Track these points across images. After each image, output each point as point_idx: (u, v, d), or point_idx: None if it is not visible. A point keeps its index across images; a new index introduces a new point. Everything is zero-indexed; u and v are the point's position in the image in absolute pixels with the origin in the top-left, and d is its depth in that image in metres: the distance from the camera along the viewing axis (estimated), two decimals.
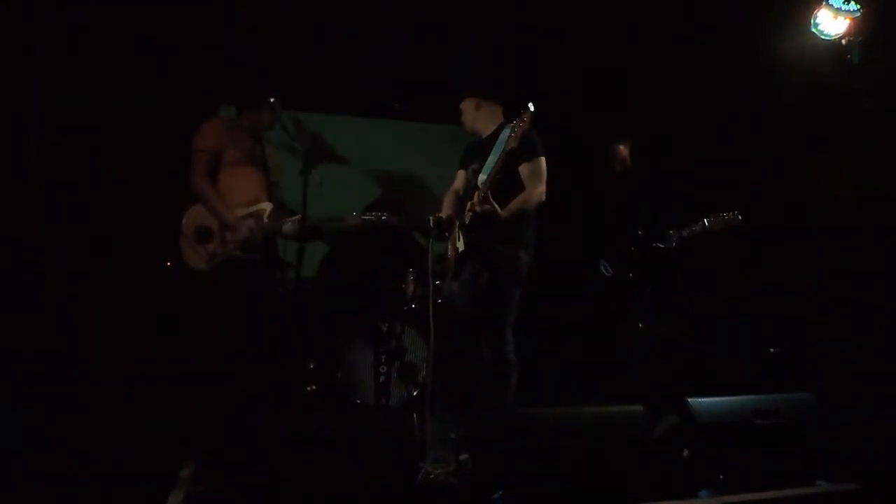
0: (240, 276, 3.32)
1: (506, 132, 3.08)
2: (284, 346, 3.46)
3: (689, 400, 2.59)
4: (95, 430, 2.82)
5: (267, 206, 3.39)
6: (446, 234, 3.31)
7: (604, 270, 4.08)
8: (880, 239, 3.70)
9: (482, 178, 3.14)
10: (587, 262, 4.18)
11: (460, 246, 3.25)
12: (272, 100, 3.43)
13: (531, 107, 2.85)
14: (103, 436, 2.77)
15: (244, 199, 3.37)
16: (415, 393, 3.68)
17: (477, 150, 3.35)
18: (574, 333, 4.36)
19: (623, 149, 4.21)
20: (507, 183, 3.05)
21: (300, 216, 3.30)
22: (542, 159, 3.14)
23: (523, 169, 3.12)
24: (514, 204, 3.06)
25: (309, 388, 3.71)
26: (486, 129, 3.36)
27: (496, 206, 2.97)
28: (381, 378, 3.69)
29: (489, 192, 2.97)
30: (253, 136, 3.49)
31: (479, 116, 3.38)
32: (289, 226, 3.33)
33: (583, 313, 4.29)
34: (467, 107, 3.41)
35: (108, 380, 3.36)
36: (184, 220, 3.35)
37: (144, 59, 4.15)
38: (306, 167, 3.35)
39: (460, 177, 3.49)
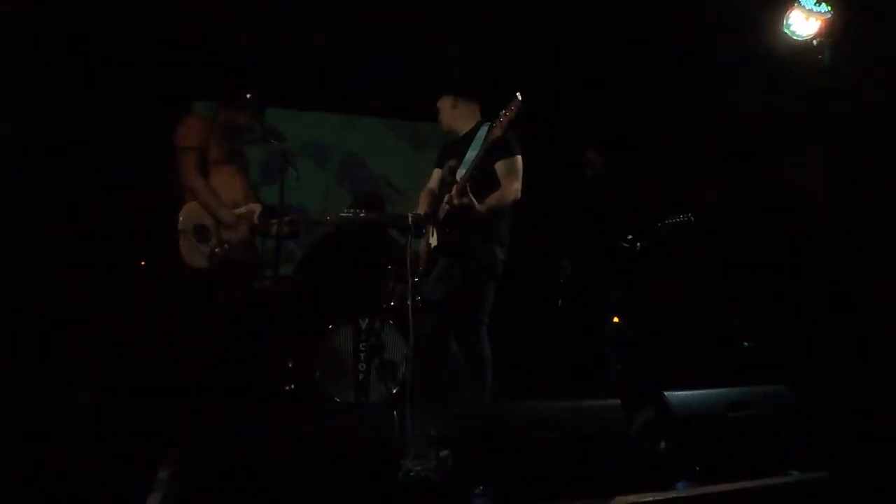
0: (237, 275, 3.29)
1: (483, 130, 3.07)
2: (263, 344, 3.43)
3: (665, 393, 2.63)
4: (75, 432, 2.78)
5: (256, 207, 3.36)
6: (424, 231, 3.30)
7: (564, 268, 4.18)
8: (849, 232, 3.78)
9: (461, 173, 3.13)
10: (556, 260, 4.26)
11: (433, 242, 3.25)
12: (248, 96, 3.35)
13: (519, 96, 2.83)
14: (82, 437, 2.74)
15: (230, 200, 3.29)
16: (394, 390, 3.69)
17: (454, 148, 3.34)
18: (549, 329, 4.39)
19: (595, 155, 4.29)
20: (483, 180, 3.05)
21: (287, 217, 3.28)
22: (519, 157, 3.15)
23: (499, 166, 3.12)
24: (491, 199, 3.06)
25: (287, 388, 3.69)
26: (464, 128, 3.35)
27: (474, 199, 2.96)
28: (361, 375, 3.69)
29: (468, 185, 2.97)
30: (231, 136, 3.41)
31: (456, 115, 3.37)
32: (276, 227, 3.29)
33: (558, 309, 4.33)
34: (444, 105, 3.40)
35: (86, 381, 3.32)
36: (180, 218, 3.20)
37: (125, 55, 4.11)
38: (283, 165, 3.32)
39: (436, 175, 3.48)
